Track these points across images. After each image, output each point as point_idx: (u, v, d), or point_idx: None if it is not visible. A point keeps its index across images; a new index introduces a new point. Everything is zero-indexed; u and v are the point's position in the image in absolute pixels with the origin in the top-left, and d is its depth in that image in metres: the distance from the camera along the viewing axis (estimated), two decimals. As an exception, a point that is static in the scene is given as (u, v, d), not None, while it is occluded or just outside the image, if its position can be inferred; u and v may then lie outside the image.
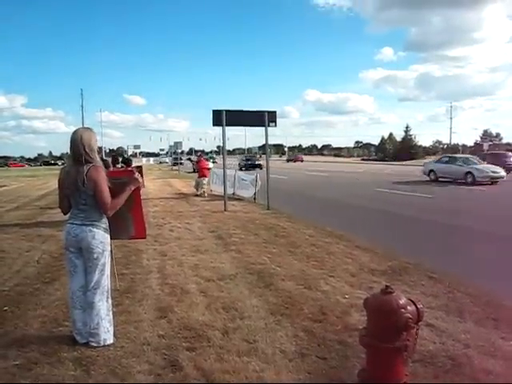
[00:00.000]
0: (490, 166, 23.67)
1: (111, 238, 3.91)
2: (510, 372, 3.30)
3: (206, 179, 18.48)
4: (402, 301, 2.94)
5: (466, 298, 4.94)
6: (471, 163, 23.42)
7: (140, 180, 4.09)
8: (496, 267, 6.56)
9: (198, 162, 20.09)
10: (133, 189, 3.95)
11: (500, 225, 10.54)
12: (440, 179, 24.11)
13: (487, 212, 13.19)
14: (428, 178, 25.22)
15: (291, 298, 4.98)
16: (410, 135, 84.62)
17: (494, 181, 22.24)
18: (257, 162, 48.05)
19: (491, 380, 3.19)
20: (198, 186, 18.15)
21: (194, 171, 19.35)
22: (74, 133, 3.70)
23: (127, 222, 4.23)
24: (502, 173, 22.83)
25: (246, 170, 40.63)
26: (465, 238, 9.20)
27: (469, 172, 22.38)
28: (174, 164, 52.06)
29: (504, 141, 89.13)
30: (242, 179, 17.23)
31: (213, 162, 35.62)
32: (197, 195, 17.46)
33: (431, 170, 25.52)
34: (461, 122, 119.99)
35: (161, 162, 78.10)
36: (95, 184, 3.58)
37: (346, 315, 4.46)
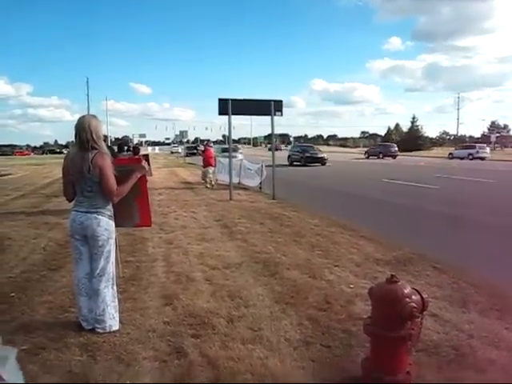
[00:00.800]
0: None
1: (116, 226, 3.92)
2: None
3: (213, 169, 17.75)
4: (407, 290, 2.94)
5: (471, 289, 4.93)
6: None
7: (146, 168, 4.09)
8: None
9: (204, 151, 18.96)
10: (139, 176, 3.96)
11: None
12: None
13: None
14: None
15: (296, 287, 5.00)
16: (417, 126, 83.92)
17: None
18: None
19: (496, 371, 3.20)
20: (205, 176, 17.45)
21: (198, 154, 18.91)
22: (81, 119, 3.69)
23: (133, 209, 4.23)
24: None
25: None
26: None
27: None
28: (188, 154, 48.00)
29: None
30: (248, 168, 17.23)
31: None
32: (206, 187, 16.60)
33: None
34: (468, 113, 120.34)
35: (172, 152, 66.34)
36: (101, 171, 3.58)
37: (350, 304, 4.48)
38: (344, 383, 3.11)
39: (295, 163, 33.79)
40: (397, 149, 48.88)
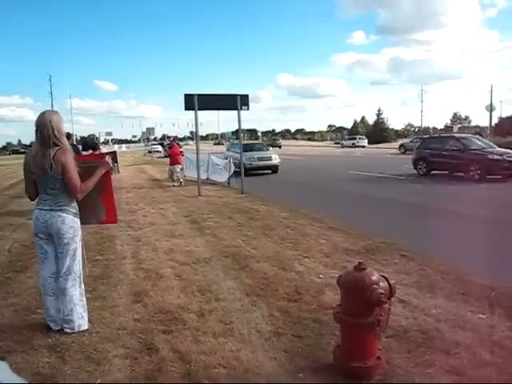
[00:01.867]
0: None
1: (82, 223, 3.85)
2: (478, 342, 3.40)
3: (180, 166, 17.04)
4: (375, 277, 2.99)
5: (437, 275, 5.05)
6: None
7: (110, 164, 4.02)
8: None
9: (171, 147, 17.95)
10: (103, 172, 3.89)
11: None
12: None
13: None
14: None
15: (266, 279, 5.01)
16: (382, 118, 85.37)
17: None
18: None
19: (462, 351, 3.28)
20: (172, 174, 16.69)
21: (166, 156, 17.70)
22: (42, 114, 3.59)
23: (98, 206, 4.15)
24: None
25: None
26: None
27: None
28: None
29: (473, 123, 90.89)
30: (216, 164, 17.17)
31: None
32: (174, 186, 15.78)
33: None
34: (431, 105, 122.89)
35: (150, 152, 51.62)
36: (63, 168, 3.50)
37: (320, 294, 4.52)
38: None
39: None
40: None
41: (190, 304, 4.35)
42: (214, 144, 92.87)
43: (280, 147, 60.06)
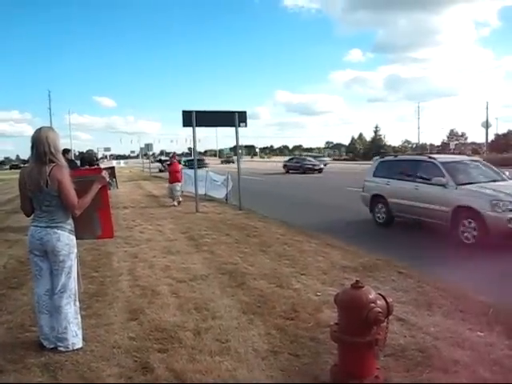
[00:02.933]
0: None
1: (77, 238, 3.82)
2: (477, 361, 3.37)
3: (180, 184, 15.73)
4: (372, 295, 2.96)
5: (435, 292, 5.02)
6: None
7: (107, 178, 4.00)
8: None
9: (171, 164, 16.60)
10: (99, 187, 3.87)
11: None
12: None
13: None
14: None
15: (263, 297, 4.97)
16: (380, 135, 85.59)
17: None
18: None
19: (461, 370, 3.25)
20: (171, 193, 15.41)
21: (160, 171, 16.27)
22: (38, 131, 3.59)
23: (94, 221, 4.13)
24: None
25: None
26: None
27: None
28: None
29: (469, 140, 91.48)
30: (214, 180, 17.16)
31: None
32: (174, 205, 14.57)
33: None
34: (428, 121, 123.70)
35: (162, 170, 40.60)
36: (60, 184, 3.49)
37: (317, 312, 4.48)
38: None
39: None
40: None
41: (187, 322, 4.31)
42: (222, 162, 78.60)
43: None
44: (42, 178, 3.48)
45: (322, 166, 38.94)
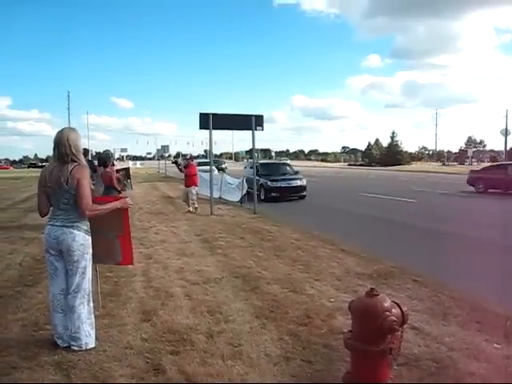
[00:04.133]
0: None
1: (96, 262, 3.88)
2: (494, 374, 3.31)
3: (196, 188, 14.27)
4: (387, 303, 2.93)
5: (451, 302, 4.95)
6: None
7: (129, 203, 4.05)
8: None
9: (187, 166, 14.69)
10: (118, 206, 3.93)
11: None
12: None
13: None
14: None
15: (276, 302, 4.95)
16: (396, 141, 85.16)
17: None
18: None
19: (475, 381, 3.19)
20: (187, 197, 14.03)
21: (180, 170, 14.48)
22: (60, 132, 3.67)
23: (115, 247, 4.20)
24: None
25: None
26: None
27: None
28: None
29: (488, 147, 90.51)
30: (229, 183, 17.20)
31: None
32: (189, 211, 13.47)
33: None
34: (446, 128, 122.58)
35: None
36: (78, 182, 3.53)
37: (331, 318, 4.44)
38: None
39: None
40: None
41: (199, 325, 4.30)
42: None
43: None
44: (63, 175, 3.54)
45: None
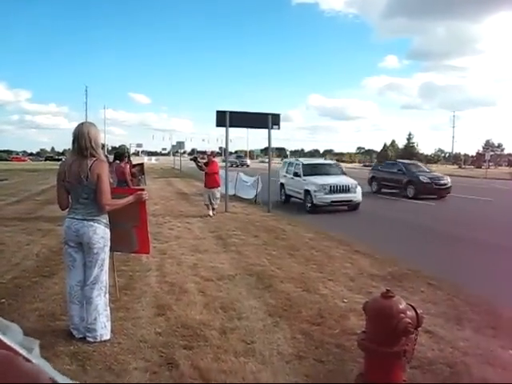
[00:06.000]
0: None
1: (113, 251, 3.92)
2: (508, 380, 3.28)
3: (220, 189, 12.50)
4: (402, 305, 2.92)
5: (466, 306, 4.91)
6: None
7: (145, 197, 4.07)
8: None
9: (209, 163, 12.40)
10: (132, 200, 3.95)
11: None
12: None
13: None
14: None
15: (290, 301, 4.96)
16: (412, 143, 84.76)
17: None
18: None
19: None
20: (210, 200, 11.98)
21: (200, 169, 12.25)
22: (80, 126, 3.70)
23: (131, 237, 4.27)
24: None
25: None
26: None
27: None
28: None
29: (506, 151, 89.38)
30: (243, 181, 17.23)
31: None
32: (210, 215, 11.76)
33: None
34: (463, 131, 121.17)
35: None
36: (98, 178, 3.57)
37: (344, 319, 4.44)
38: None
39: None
40: None
41: (213, 321, 4.33)
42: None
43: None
44: (82, 171, 3.57)
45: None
